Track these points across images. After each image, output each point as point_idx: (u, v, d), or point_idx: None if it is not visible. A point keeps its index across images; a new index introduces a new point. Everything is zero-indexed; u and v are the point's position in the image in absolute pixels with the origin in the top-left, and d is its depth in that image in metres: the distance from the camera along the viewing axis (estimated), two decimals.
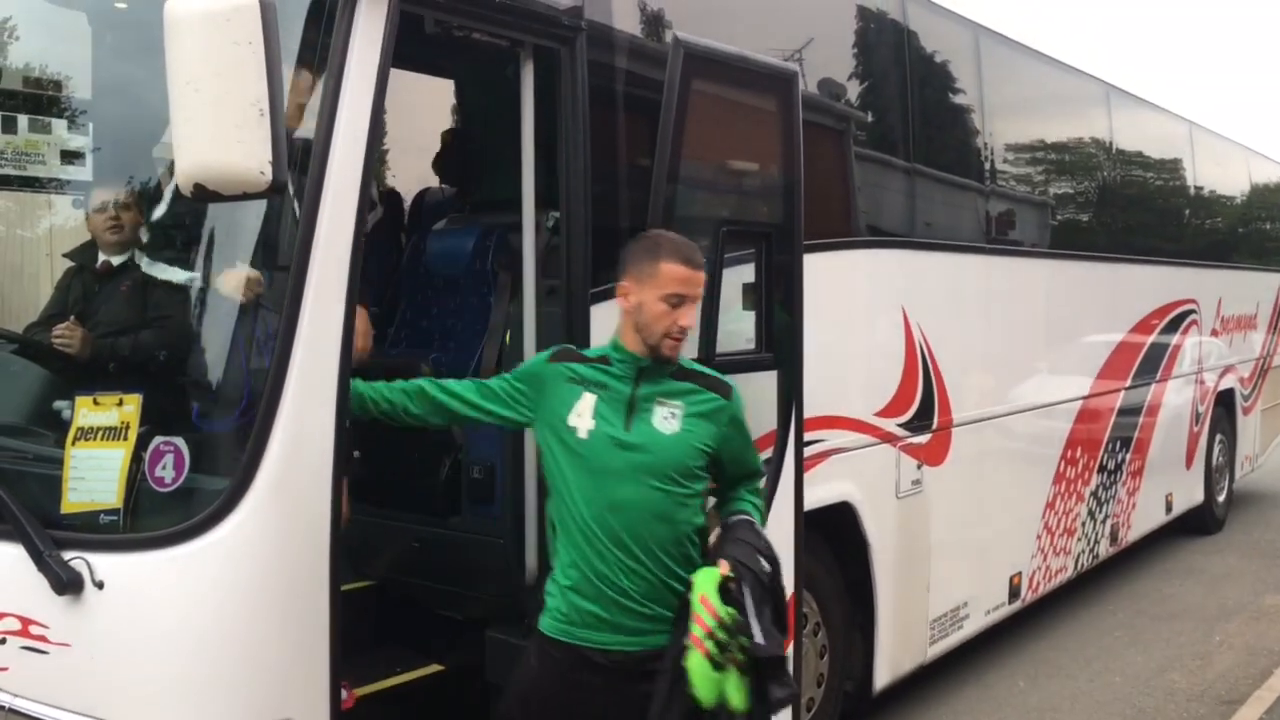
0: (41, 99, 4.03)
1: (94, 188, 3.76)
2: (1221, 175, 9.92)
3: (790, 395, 3.91)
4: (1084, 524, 7.13)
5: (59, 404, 3.22)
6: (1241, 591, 7.86)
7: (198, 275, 3.22)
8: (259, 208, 2.88)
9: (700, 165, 3.66)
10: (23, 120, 4.00)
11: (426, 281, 4.30)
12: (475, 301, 4.09)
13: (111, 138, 3.87)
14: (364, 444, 3.31)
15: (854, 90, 5.17)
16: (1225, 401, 9.81)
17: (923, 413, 5.27)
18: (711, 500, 2.97)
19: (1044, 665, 6.23)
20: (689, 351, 3.54)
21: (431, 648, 3.84)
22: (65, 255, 3.73)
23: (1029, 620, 6.71)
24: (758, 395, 3.92)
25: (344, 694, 2.95)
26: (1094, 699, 5.78)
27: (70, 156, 4.06)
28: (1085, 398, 7.07)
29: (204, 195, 2.47)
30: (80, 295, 3.58)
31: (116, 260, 3.54)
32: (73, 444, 2.96)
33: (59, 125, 4.05)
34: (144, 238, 3.53)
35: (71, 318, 3.47)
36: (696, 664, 2.63)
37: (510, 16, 3.32)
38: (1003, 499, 6.12)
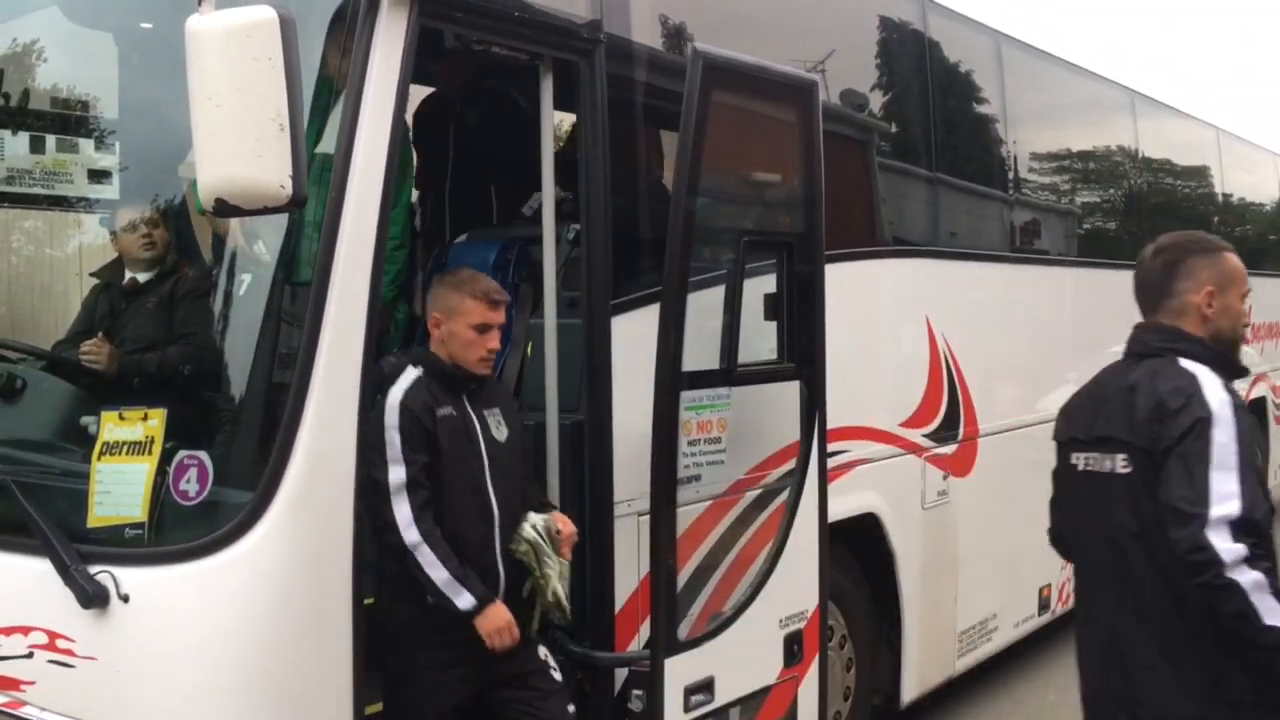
0: (69, 119, 4.08)
1: (122, 206, 3.81)
2: (1250, 182, 9.82)
3: (813, 406, 3.89)
4: None
5: (86, 419, 3.24)
6: None
7: (222, 290, 3.25)
8: (280, 221, 2.91)
9: (720, 176, 3.66)
10: (51, 140, 4.06)
11: None
12: None
13: (138, 156, 3.92)
14: None
15: (876, 100, 5.16)
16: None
17: (948, 423, 5.24)
18: None
19: (1074, 678, 6.07)
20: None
21: None
22: (92, 274, 3.78)
23: (1059, 632, 6.62)
24: (780, 406, 3.91)
25: None
26: None
27: (97, 175, 4.11)
28: None
29: (225, 209, 2.49)
30: (107, 312, 3.62)
31: (143, 277, 3.58)
32: (98, 458, 2.98)
33: (86, 144, 4.11)
34: (168, 255, 3.58)
35: (99, 334, 3.51)
36: None
37: (529, 30, 3.34)
38: (1031, 510, 5.99)
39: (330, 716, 2.87)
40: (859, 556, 4.75)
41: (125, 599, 2.79)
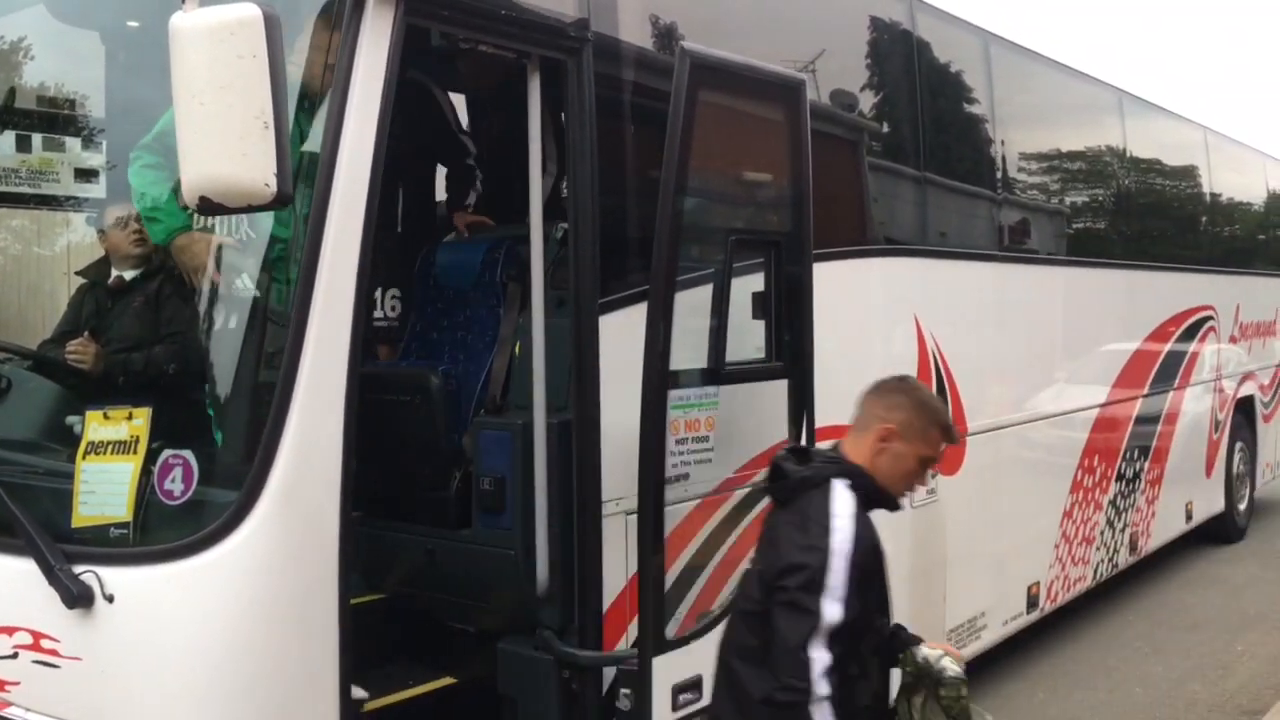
0: (56, 117, 4.07)
1: (109, 204, 3.79)
2: (1238, 181, 9.87)
3: (801, 404, 3.89)
4: (1103, 533, 7.07)
5: (71, 419, 3.23)
6: (1263, 601, 7.77)
7: (207, 289, 3.24)
8: (266, 220, 2.90)
9: (708, 175, 3.66)
10: (37, 139, 4.04)
11: (436, 294, 4.31)
12: (485, 313, 4.09)
13: (125, 155, 3.90)
14: (374, 456, 3.31)
15: (865, 99, 5.17)
16: (1245, 409, 9.72)
17: None
18: None
19: (1064, 676, 6.18)
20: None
21: (443, 660, 3.83)
22: (78, 273, 3.77)
23: (1048, 630, 6.65)
24: (768, 405, 3.92)
25: None
26: (1114, 710, 5.72)
27: (84, 174, 4.10)
28: (1102, 406, 7.02)
29: (209, 208, 2.48)
30: (93, 311, 3.61)
31: (129, 276, 3.57)
32: (83, 458, 2.97)
33: (73, 143, 4.10)
34: (154, 254, 3.57)
35: (85, 333, 3.50)
36: None
37: (516, 28, 3.33)
38: (1019, 508, 6.07)
39: (317, 716, 2.86)
40: None
41: (110, 599, 2.78)
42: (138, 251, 3.54)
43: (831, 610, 2.58)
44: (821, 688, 2.55)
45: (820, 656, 2.56)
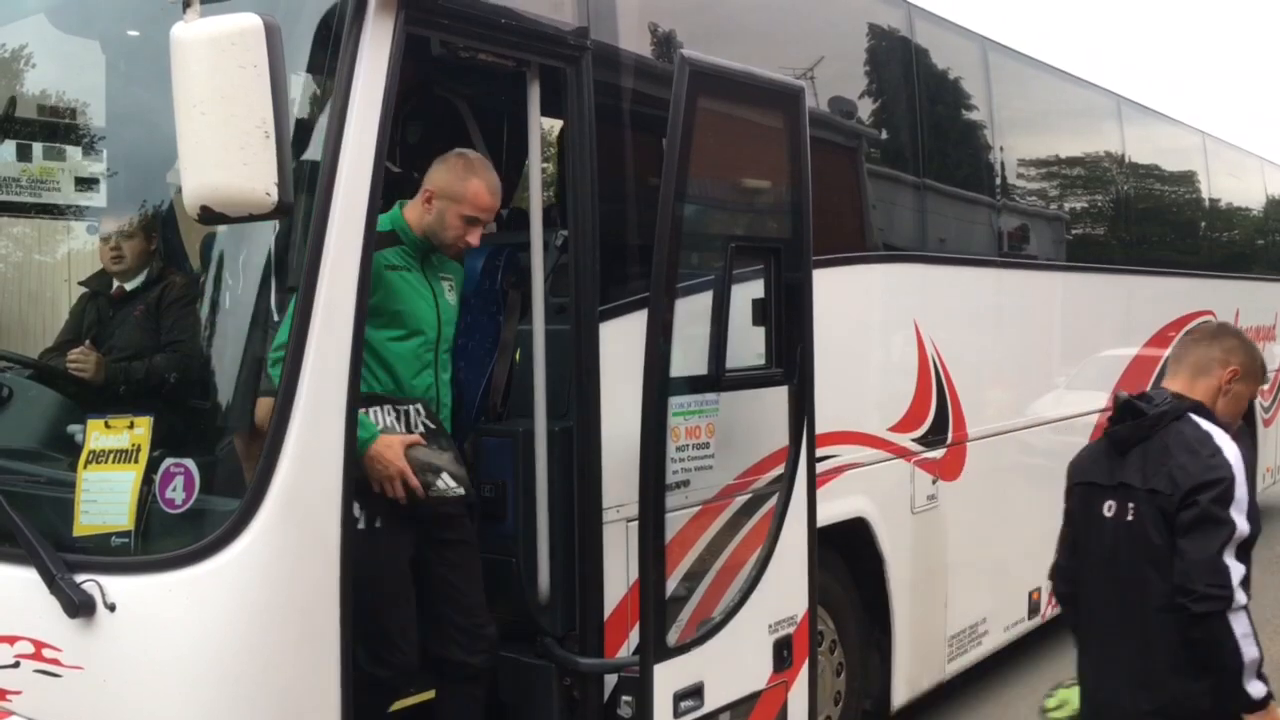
0: (56, 126, 4.08)
1: (104, 214, 3.80)
2: (1237, 186, 9.87)
3: (802, 410, 3.90)
4: None
5: (72, 427, 3.23)
6: (1264, 606, 7.75)
7: (208, 299, 3.25)
8: (267, 229, 2.91)
9: (708, 182, 3.67)
10: (38, 148, 4.05)
11: None
12: (485, 320, 4.09)
13: (125, 164, 3.91)
14: None
15: (864, 106, 5.18)
16: (1245, 414, 9.71)
17: (937, 427, 5.25)
18: None
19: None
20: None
21: None
22: (80, 283, 3.77)
23: (1050, 636, 6.63)
24: (769, 411, 3.92)
25: None
26: None
27: (85, 183, 4.11)
28: (1103, 411, 7.01)
29: (210, 217, 2.49)
30: (95, 320, 3.62)
31: (130, 286, 3.58)
32: (85, 467, 2.98)
33: (73, 152, 4.10)
34: (154, 263, 3.58)
35: (86, 342, 3.50)
36: None
37: (516, 37, 3.34)
38: (1020, 514, 6.06)
39: None
40: (849, 561, 4.75)
41: (112, 608, 2.78)
42: (116, 269, 3.55)
43: (1243, 521, 2.71)
44: (1240, 596, 2.66)
45: (1236, 566, 2.67)
